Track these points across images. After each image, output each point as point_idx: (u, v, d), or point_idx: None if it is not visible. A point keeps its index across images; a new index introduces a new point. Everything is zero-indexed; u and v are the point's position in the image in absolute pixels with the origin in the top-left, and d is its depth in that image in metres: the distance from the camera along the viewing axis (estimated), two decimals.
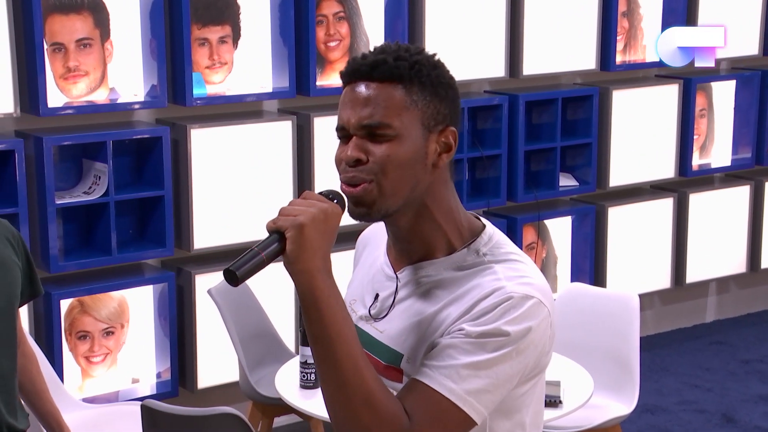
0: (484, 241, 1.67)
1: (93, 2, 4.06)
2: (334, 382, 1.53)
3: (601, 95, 5.33)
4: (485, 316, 1.57)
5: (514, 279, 1.60)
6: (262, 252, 1.54)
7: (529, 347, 1.59)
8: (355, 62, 1.64)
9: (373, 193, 1.61)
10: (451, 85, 1.66)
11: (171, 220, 4.26)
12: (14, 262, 2.66)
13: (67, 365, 4.14)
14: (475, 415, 1.55)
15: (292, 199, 1.59)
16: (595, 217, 5.40)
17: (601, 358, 4.01)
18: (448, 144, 1.65)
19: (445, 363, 1.55)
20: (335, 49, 4.66)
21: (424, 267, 1.67)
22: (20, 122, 4.08)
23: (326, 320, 1.53)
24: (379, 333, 1.69)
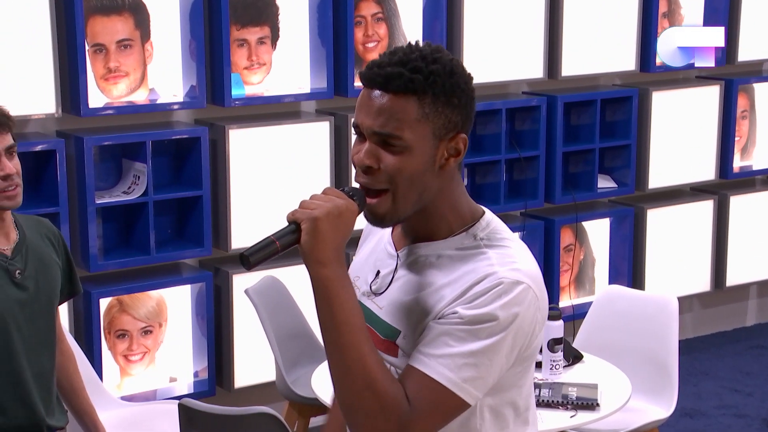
0: (482, 226, 1.75)
1: (134, 3, 4.10)
2: (340, 368, 1.63)
3: (641, 96, 5.28)
4: (477, 300, 1.65)
5: (506, 264, 1.68)
6: (276, 240, 1.67)
7: (519, 332, 1.67)
8: (371, 71, 1.70)
9: (386, 206, 1.70)
10: (465, 90, 1.71)
11: (209, 220, 4.28)
12: (55, 261, 2.69)
13: (106, 363, 4.18)
14: (470, 399, 1.66)
15: (313, 194, 1.69)
16: (633, 219, 5.36)
17: (639, 361, 3.98)
18: (457, 149, 1.72)
19: (441, 351, 1.64)
20: (373, 50, 4.66)
21: (424, 247, 1.76)
22: (61, 122, 4.12)
23: (335, 308, 1.62)
24: (378, 308, 1.78)
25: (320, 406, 3.62)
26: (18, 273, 2.60)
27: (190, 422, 3.07)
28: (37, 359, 2.63)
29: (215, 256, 4.43)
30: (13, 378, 2.59)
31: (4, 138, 2.57)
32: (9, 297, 2.57)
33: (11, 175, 2.55)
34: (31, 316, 2.62)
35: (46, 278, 2.65)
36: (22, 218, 2.72)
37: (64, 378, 2.86)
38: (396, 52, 1.70)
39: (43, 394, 2.65)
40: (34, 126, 4.08)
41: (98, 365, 4.09)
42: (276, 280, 4.21)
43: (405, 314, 1.73)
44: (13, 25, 3.82)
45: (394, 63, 1.68)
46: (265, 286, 4.15)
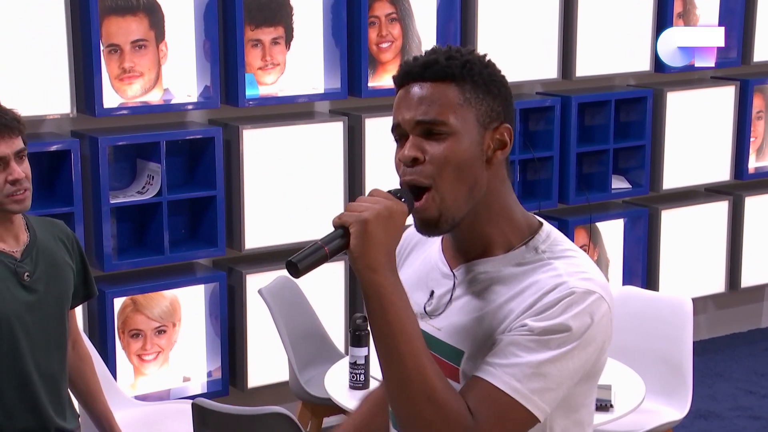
0: (542, 238, 1.67)
1: (148, 4, 4.11)
2: (398, 379, 1.54)
3: (655, 97, 5.27)
4: (548, 311, 1.57)
5: (575, 275, 1.60)
6: (325, 246, 1.56)
7: (591, 343, 1.59)
8: (407, 65, 1.66)
9: (434, 207, 1.61)
10: (503, 83, 1.67)
11: (223, 220, 4.29)
12: (67, 264, 2.67)
13: (119, 363, 4.19)
14: (539, 413, 1.56)
15: (360, 196, 1.61)
16: (648, 219, 5.35)
17: (653, 362, 3.97)
18: (503, 141, 1.65)
19: (509, 361, 1.56)
20: (387, 51, 4.66)
21: (482, 264, 1.67)
22: (76, 123, 4.14)
23: (389, 316, 1.54)
24: (436, 330, 1.68)
25: (333, 407, 3.62)
26: (27, 275, 2.58)
27: (204, 422, 3.08)
28: (46, 362, 2.62)
29: (229, 256, 4.44)
30: (21, 380, 2.58)
31: (14, 142, 2.56)
32: (17, 299, 2.56)
33: (20, 179, 2.54)
34: (40, 319, 2.60)
35: (56, 281, 2.64)
36: (35, 220, 2.71)
37: (80, 380, 2.85)
38: (428, 51, 1.67)
39: (52, 397, 2.64)
40: (49, 126, 4.09)
41: (112, 365, 4.10)
42: (289, 280, 4.21)
43: (468, 334, 1.64)
44: (28, 25, 3.84)
45: (428, 54, 1.65)
46: (279, 286, 4.16)
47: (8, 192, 2.53)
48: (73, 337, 2.80)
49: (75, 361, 2.80)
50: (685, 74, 5.48)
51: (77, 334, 2.84)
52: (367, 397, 1.97)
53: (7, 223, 2.59)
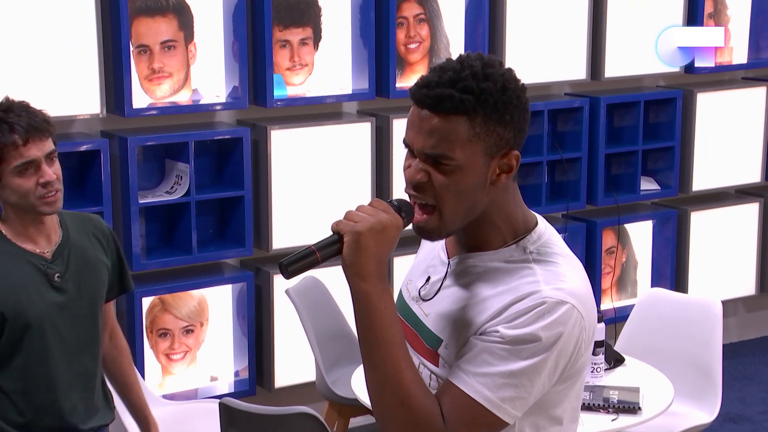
0: (533, 238, 1.72)
1: (178, 5, 4.13)
2: (376, 382, 1.64)
3: (685, 98, 5.23)
4: (519, 319, 1.62)
5: (551, 283, 1.65)
6: (317, 251, 1.65)
7: (562, 353, 1.64)
8: (420, 91, 1.66)
9: (434, 224, 1.68)
10: (518, 106, 1.67)
11: (250, 221, 4.30)
12: (101, 261, 2.67)
13: (148, 362, 4.21)
14: (508, 418, 1.64)
15: (360, 204, 1.67)
16: (677, 221, 5.31)
17: (681, 365, 3.94)
18: (509, 165, 1.69)
19: (480, 370, 1.62)
20: (415, 51, 4.65)
21: (474, 257, 1.73)
22: (106, 123, 4.16)
23: (373, 323, 1.62)
24: (424, 315, 1.76)
25: (360, 407, 3.62)
26: (57, 276, 2.58)
27: (231, 421, 3.08)
28: (78, 361, 2.62)
29: (256, 256, 4.45)
30: (50, 381, 2.59)
31: (44, 144, 2.55)
32: (47, 301, 2.57)
33: (51, 181, 2.53)
34: (72, 319, 2.61)
35: (88, 280, 2.63)
36: (70, 216, 2.70)
37: (117, 372, 2.87)
38: (446, 70, 1.65)
39: (85, 395, 2.65)
40: (79, 126, 4.12)
41: (140, 364, 4.12)
42: (317, 281, 4.22)
43: (448, 324, 1.71)
44: (59, 26, 3.87)
45: (443, 83, 1.63)
46: (306, 286, 4.16)
47: (40, 194, 2.52)
48: (109, 329, 2.80)
49: (112, 351, 2.82)
50: (716, 75, 5.44)
51: (114, 325, 2.85)
52: None
53: (38, 224, 2.59)
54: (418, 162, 1.67)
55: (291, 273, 1.65)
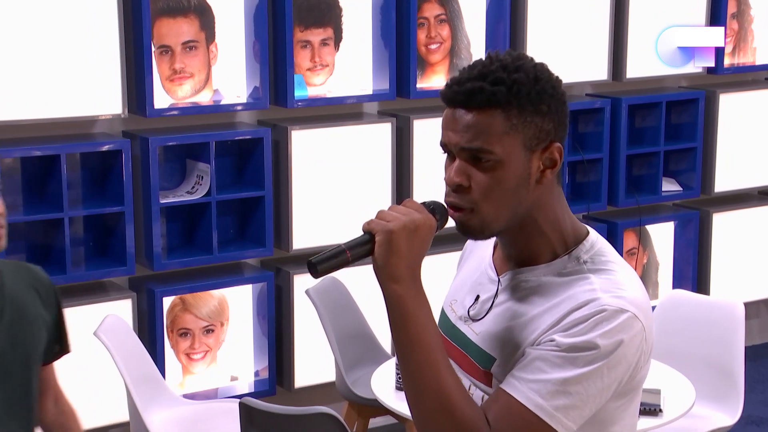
0: (585, 248, 1.65)
1: (199, 5, 4.14)
2: (415, 388, 1.56)
3: (708, 99, 5.20)
4: (576, 327, 1.55)
5: (610, 291, 1.58)
6: (348, 251, 1.59)
7: (621, 362, 1.56)
8: (451, 89, 1.61)
9: (474, 222, 1.61)
10: (554, 96, 1.61)
11: (271, 221, 4.31)
12: (40, 317, 2.29)
13: (168, 361, 4.22)
14: (561, 429, 1.55)
15: (393, 204, 1.62)
16: (699, 222, 5.28)
17: (703, 367, 3.92)
18: (552, 160, 1.62)
19: (534, 377, 1.55)
20: (436, 52, 4.65)
21: (525, 272, 1.66)
22: (127, 123, 4.18)
23: (409, 327, 1.56)
24: (474, 334, 1.69)
25: (380, 407, 3.62)
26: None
27: (251, 421, 3.09)
28: (4, 426, 2.24)
29: (277, 257, 4.46)
30: None
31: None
32: None
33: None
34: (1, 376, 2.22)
35: (24, 335, 2.25)
36: (7, 265, 2.33)
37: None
38: (475, 66, 1.61)
39: None
40: (101, 126, 4.14)
41: (161, 363, 4.14)
42: (337, 281, 4.22)
43: (501, 342, 1.64)
44: (81, 27, 3.89)
45: (473, 78, 1.59)
46: (326, 286, 4.16)
47: None
48: (54, 393, 2.47)
49: (58, 418, 2.50)
50: (738, 75, 5.40)
51: (59, 389, 2.49)
52: None
53: None
54: (458, 162, 1.60)
55: (321, 272, 1.58)
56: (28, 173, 4.00)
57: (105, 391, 4.03)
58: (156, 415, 3.75)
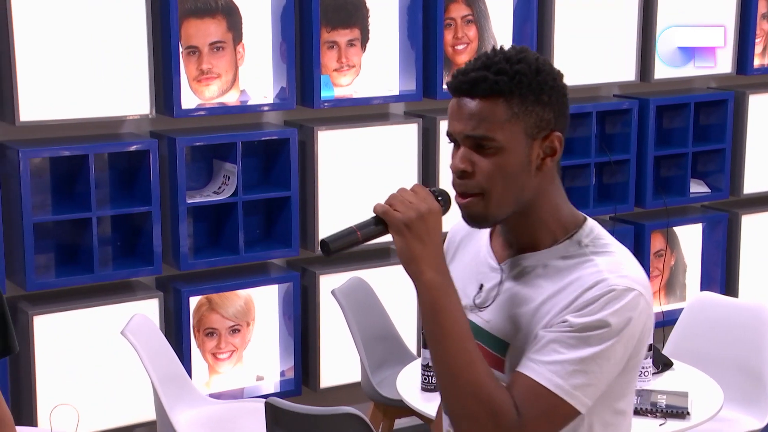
0: (585, 232, 1.73)
1: (227, 6, 4.16)
2: (447, 375, 1.62)
3: (737, 99, 5.16)
4: (588, 308, 1.63)
5: (615, 271, 1.66)
6: (358, 231, 1.69)
7: (631, 339, 1.65)
8: (456, 78, 1.70)
9: (480, 206, 1.69)
10: (555, 87, 1.69)
11: (297, 221, 4.32)
12: None
13: (195, 361, 4.24)
14: (581, 406, 1.63)
15: (402, 188, 1.72)
16: (727, 224, 5.24)
17: (731, 369, 3.89)
18: (552, 148, 1.70)
19: (551, 358, 1.62)
20: (463, 53, 4.64)
21: (528, 258, 1.73)
22: (155, 123, 4.20)
23: (439, 317, 1.62)
24: (485, 322, 1.75)
25: (405, 408, 3.62)
26: None
27: (276, 421, 3.10)
28: None
29: (302, 257, 4.47)
30: None
31: None
32: None
33: None
34: None
35: None
36: None
37: None
38: (479, 58, 1.70)
39: None
40: (129, 126, 4.16)
41: (187, 363, 4.15)
42: (362, 281, 4.22)
43: (513, 327, 1.71)
44: (110, 28, 3.91)
45: (477, 68, 1.68)
46: (352, 287, 4.17)
47: None
48: None
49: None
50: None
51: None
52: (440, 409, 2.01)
53: None
54: (462, 150, 1.69)
55: (332, 250, 1.67)
56: (57, 173, 4.02)
57: (132, 390, 4.05)
58: (182, 414, 3.76)
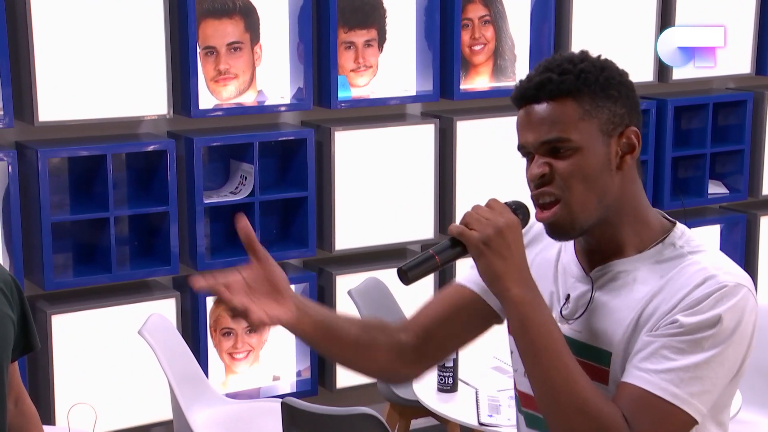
0: (678, 234, 1.66)
1: (244, 7, 4.16)
2: (547, 393, 1.56)
3: (756, 100, 5.14)
4: (699, 306, 1.55)
5: (722, 268, 1.59)
6: (436, 255, 1.60)
7: (743, 339, 1.58)
8: (521, 86, 1.65)
9: (563, 216, 1.61)
10: (622, 82, 1.65)
11: (314, 221, 4.32)
12: (7, 316, 2.20)
13: (211, 361, 4.25)
14: (698, 415, 1.55)
15: (476, 205, 1.61)
16: (746, 226, 5.22)
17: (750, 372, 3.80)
18: (630, 144, 1.63)
19: (663, 366, 1.54)
20: (480, 53, 4.64)
21: (619, 264, 1.66)
22: (172, 123, 4.21)
23: (532, 334, 1.56)
24: (577, 333, 1.67)
25: (421, 408, 3.61)
26: None
27: (293, 421, 3.10)
28: None
29: (319, 257, 4.47)
30: None
31: None
32: None
33: None
34: None
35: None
36: None
37: None
38: (540, 65, 1.66)
39: None
40: (147, 126, 4.18)
41: (204, 362, 4.16)
42: (379, 282, 4.22)
43: (612, 335, 1.62)
44: (128, 29, 3.92)
45: (541, 72, 1.63)
46: (368, 287, 4.17)
47: None
48: (15, 394, 2.35)
49: (18, 419, 2.37)
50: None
51: (20, 389, 2.38)
52: None
53: None
54: (537, 158, 1.61)
55: (411, 278, 1.59)
56: (75, 173, 4.04)
57: (149, 389, 4.06)
58: (199, 414, 3.77)
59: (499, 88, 4.64)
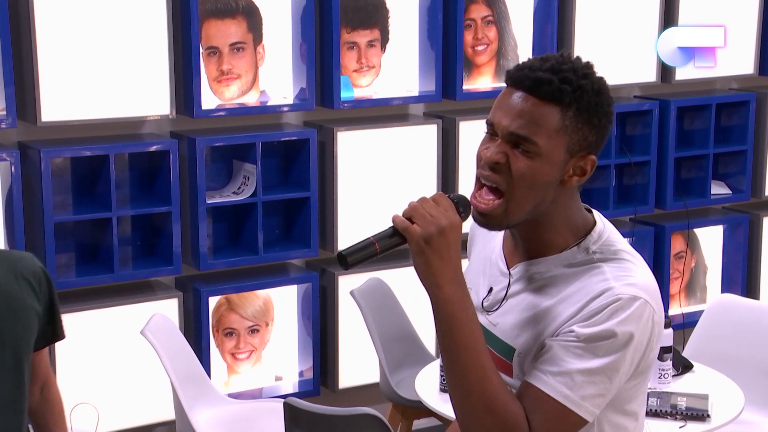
0: (593, 239, 1.72)
1: (247, 7, 4.16)
2: (460, 389, 1.63)
3: (759, 101, 5.13)
4: (594, 317, 1.63)
5: (622, 279, 1.66)
6: (376, 242, 1.66)
7: (637, 348, 1.65)
8: (522, 71, 1.68)
9: (498, 212, 1.68)
10: (607, 113, 1.69)
11: (316, 221, 4.32)
12: (30, 307, 2.27)
13: (214, 361, 4.25)
14: (588, 416, 1.65)
15: (423, 197, 1.66)
16: (748, 226, 5.21)
17: (753, 372, 3.87)
18: (584, 169, 1.70)
19: (559, 369, 1.63)
20: (483, 53, 4.64)
21: (536, 264, 1.73)
22: (175, 123, 4.21)
23: (455, 332, 1.63)
24: (492, 325, 1.77)
25: (424, 409, 3.61)
26: None
27: (295, 421, 3.10)
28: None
29: (321, 257, 4.47)
30: None
31: None
32: None
33: None
34: None
35: (12, 327, 2.23)
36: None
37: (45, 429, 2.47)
38: (548, 59, 1.68)
39: None
40: (149, 127, 4.18)
41: (206, 362, 4.16)
42: (381, 282, 4.22)
43: (520, 332, 1.72)
44: (131, 29, 3.92)
45: (545, 69, 1.66)
46: (371, 287, 4.17)
47: None
48: (42, 380, 2.42)
49: (42, 405, 2.43)
50: None
51: (48, 376, 2.43)
52: None
53: None
54: (499, 143, 1.67)
55: (350, 263, 1.64)
56: (78, 173, 4.04)
57: (151, 389, 4.06)
58: (201, 414, 3.77)
59: (501, 88, 4.62)
